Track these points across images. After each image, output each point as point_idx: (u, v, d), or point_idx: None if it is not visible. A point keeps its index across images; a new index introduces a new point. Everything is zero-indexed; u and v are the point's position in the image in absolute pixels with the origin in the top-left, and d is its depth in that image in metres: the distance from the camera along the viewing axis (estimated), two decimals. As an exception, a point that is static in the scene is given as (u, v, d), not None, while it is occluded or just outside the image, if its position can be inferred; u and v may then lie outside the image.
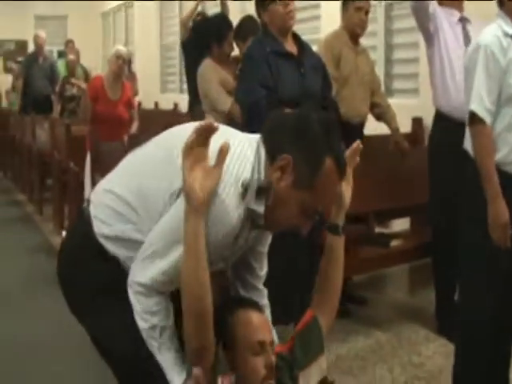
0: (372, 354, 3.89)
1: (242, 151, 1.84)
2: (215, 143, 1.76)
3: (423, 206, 4.30)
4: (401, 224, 5.32)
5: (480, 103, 2.83)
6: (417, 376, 3.61)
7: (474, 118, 2.86)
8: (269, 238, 2.12)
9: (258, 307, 2.02)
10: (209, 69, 4.97)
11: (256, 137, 1.91)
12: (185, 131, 1.79)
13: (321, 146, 1.81)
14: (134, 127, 6.64)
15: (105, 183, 2.05)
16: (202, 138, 1.72)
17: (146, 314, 1.84)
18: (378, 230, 4.87)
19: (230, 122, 4.64)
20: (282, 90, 3.63)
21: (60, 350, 3.88)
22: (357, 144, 2.12)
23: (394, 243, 4.47)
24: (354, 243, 4.08)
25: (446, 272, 4.07)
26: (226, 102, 4.69)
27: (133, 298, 1.86)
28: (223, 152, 1.73)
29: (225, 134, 1.90)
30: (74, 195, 6.36)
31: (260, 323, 1.94)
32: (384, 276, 5.49)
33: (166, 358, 1.85)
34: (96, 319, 1.96)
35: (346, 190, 2.07)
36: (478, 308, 2.96)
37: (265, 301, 2.17)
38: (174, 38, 11.74)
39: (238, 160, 1.82)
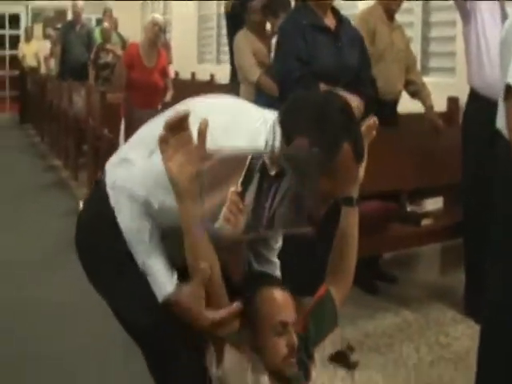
0: (399, 332, 3.87)
1: (255, 125, 1.82)
2: (222, 116, 1.79)
3: (457, 185, 4.24)
4: (434, 203, 5.27)
5: None
6: (443, 356, 3.59)
7: (509, 91, 2.78)
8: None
9: (282, 285, 1.99)
10: (242, 39, 4.97)
11: (273, 115, 1.88)
12: (192, 104, 1.80)
13: (339, 131, 1.75)
14: (169, 96, 6.67)
15: (120, 152, 2.07)
16: (175, 128, 1.68)
17: (133, 220, 1.82)
18: (410, 208, 4.83)
19: (259, 92, 4.66)
20: (317, 63, 3.60)
21: (87, 316, 3.89)
22: (373, 120, 2.07)
23: (426, 222, 4.44)
24: (384, 220, 4.08)
25: (477, 253, 4.00)
26: (256, 73, 4.71)
27: (117, 205, 1.85)
28: (202, 131, 1.69)
29: (238, 109, 1.90)
30: (107, 162, 6.38)
31: (283, 302, 1.91)
32: (415, 255, 5.46)
33: (156, 262, 1.82)
34: (111, 289, 1.96)
35: None
36: (505, 288, 2.92)
37: (277, 272, 2.18)
38: (212, 9, 11.69)
39: (249, 132, 1.80)
